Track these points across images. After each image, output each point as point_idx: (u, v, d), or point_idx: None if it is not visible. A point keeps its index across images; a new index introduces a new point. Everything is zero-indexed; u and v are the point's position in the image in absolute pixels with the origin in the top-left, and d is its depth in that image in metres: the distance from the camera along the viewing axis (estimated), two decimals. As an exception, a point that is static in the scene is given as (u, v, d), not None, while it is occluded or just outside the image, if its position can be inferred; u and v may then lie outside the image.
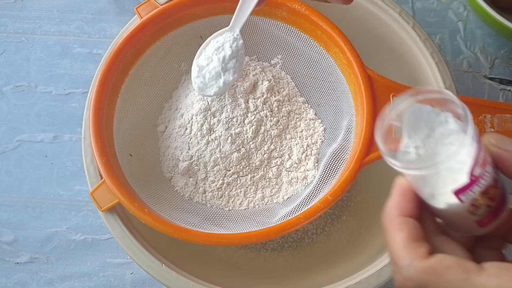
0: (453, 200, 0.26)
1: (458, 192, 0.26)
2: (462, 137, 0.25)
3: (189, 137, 0.47)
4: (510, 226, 0.29)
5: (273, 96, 0.49)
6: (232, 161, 0.46)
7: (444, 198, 0.26)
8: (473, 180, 0.26)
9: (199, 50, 0.43)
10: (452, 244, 0.27)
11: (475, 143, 0.25)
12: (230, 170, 0.47)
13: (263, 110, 0.48)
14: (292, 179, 0.48)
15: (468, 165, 0.25)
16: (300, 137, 0.49)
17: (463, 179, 0.26)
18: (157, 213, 0.42)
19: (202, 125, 0.47)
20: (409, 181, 0.28)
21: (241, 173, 0.47)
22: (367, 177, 0.51)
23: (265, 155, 0.47)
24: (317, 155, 0.48)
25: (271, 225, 0.42)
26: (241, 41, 0.42)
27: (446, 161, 0.25)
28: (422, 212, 0.28)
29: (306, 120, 0.50)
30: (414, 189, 0.27)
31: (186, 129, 0.47)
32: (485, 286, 0.24)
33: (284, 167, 0.48)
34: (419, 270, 0.25)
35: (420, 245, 0.25)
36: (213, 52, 0.42)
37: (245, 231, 0.42)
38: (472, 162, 0.25)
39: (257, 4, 0.39)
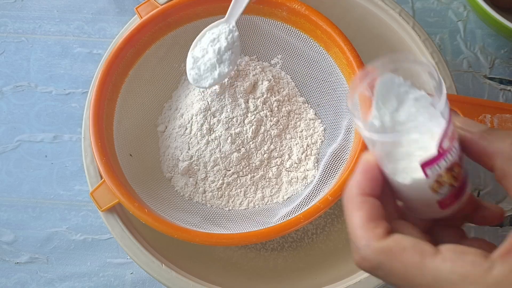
0: (418, 174, 0.25)
1: (424, 165, 0.25)
2: (433, 109, 0.25)
3: (189, 137, 0.47)
4: (469, 210, 0.29)
5: (273, 96, 0.49)
6: (232, 161, 0.47)
7: (409, 173, 0.26)
8: (441, 153, 0.25)
9: (194, 41, 0.42)
10: (410, 227, 0.27)
11: (446, 114, 0.25)
12: (230, 170, 0.47)
13: (263, 110, 0.48)
14: (292, 179, 0.48)
15: (437, 137, 0.25)
16: (300, 137, 0.49)
17: (431, 150, 0.25)
18: (157, 213, 0.42)
19: (202, 125, 0.47)
20: (375, 155, 0.27)
21: (241, 173, 0.47)
22: (367, 177, 0.51)
23: (265, 155, 0.47)
24: (317, 155, 0.48)
25: (271, 225, 0.42)
26: (236, 33, 0.42)
27: (414, 130, 0.25)
28: (384, 193, 0.27)
29: (306, 120, 0.50)
30: (379, 164, 0.27)
31: (186, 129, 0.47)
32: (438, 270, 0.23)
33: (284, 167, 0.48)
34: (375, 250, 0.25)
35: (378, 225, 0.25)
36: (209, 44, 0.42)
37: (245, 231, 0.42)
38: (441, 134, 0.25)
39: None
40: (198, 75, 0.42)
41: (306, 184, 0.47)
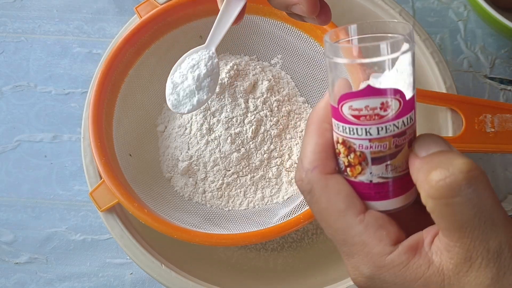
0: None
1: (341, 99, 0.23)
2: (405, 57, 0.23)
3: (188, 137, 0.47)
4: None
5: (273, 96, 0.49)
6: (232, 161, 0.46)
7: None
8: (340, 114, 0.23)
9: (174, 66, 0.43)
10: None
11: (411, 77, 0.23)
12: (230, 170, 0.47)
13: (263, 110, 0.47)
14: (292, 179, 0.48)
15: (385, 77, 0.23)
16: (300, 137, 0.49)
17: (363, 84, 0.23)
18: (157, 213, 0.42)
19: (201, 125, 0.46)
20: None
21: (241, 173, 0.47)
22: (367, 177, 0.51)
23: (265, 155, 0.47)
24: (317, 155, 0.48)
25: (271, 225, 0.41)
26: (216, 60, 0.42)
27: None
28: None
29: (306, 120, 0.50)
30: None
31: (186, 129, 0.47)
32: (350, 225, 0.24)
33: (284, 167, 0.48)
34: (314, 178, 0.25)
35: (329, 158, 0.25)
36: (188, 70, 0.42)
37: (245, 231, 0.42)
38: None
39: (234, 23, 0.39)
40: (177, 100, 0.42)
41: (306, 184, 0.47)
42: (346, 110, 0.23)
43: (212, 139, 0.46)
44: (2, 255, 0.53)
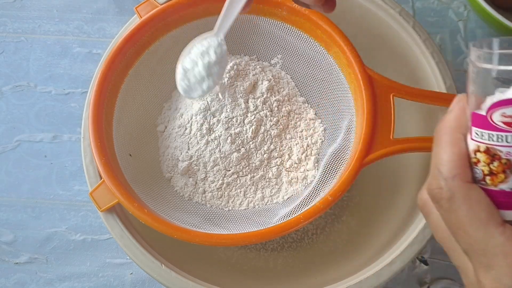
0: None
1: (493, 106, 0.24)
2: None
3: (188, 137, 0.47)
4: None
5: (273, 96, 0.49)
6: (232, 161, 0.46)
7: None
8: (487, 120, 0.24)
9: (183, 52, 0.43)
10: None
11: None
12: (230, 170, 0.47)
13: (263, 110, 0.47)
14: (292, 179, 0.48)
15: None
16: (300, 137, 0.49)
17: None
18: (157, 213, 0.42)
19: (201, 125, 0.46)
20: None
21: (241, 173, 0.47)
22: (367, 177, 0.51)
23: (265, 155, 0.47)
24: (317, 155, 0.48)
25: (271, 225, 0.41)
26: (225, 47, 0.42)
27: None
28: None
29: (306, 120, 0.50)
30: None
31: (186, 129, 0.47)
32: (494, 237, 0.24)
33: (284, 167, 0.48)
34: (458, 185, 0.25)
35: (467, 167, 0.26)
36: (198, 56, 0.42)
37: (245, 231, 0.42)
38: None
39: (243, 9, 0.39)
40: (188, 86, 0.43)
41: (306, 184, 0.47)
42: (497, 117, 0.24)
43: (212, 139, 0.46)
44: (2, 255, 0.54)
